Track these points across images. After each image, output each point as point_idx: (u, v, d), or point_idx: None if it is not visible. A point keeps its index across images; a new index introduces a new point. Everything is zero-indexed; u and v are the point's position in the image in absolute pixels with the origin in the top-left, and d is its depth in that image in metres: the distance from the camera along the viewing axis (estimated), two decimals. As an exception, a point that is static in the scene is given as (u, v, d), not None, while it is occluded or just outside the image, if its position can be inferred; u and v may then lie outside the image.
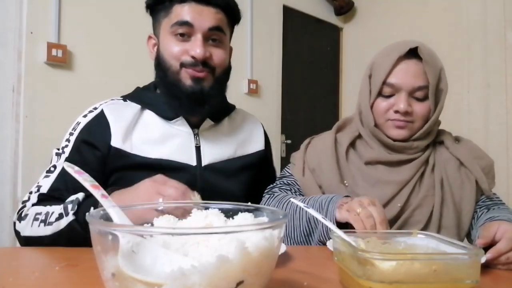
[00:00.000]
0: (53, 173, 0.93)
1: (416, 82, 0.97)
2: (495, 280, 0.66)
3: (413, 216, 0.98)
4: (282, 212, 0.51)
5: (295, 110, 3.26)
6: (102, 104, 1.02)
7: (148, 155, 0.97)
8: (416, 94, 0.98)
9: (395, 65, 0.97)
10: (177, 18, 0.95)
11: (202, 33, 0.95)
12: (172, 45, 0.97)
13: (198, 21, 0.95)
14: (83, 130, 0.97)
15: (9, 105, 1.89)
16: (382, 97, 1.00)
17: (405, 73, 0.97)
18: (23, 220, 0.88)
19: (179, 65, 0.96)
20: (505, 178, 2.57)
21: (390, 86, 0.98)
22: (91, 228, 0.43)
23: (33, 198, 0.91)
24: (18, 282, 0.58)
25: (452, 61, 2.89)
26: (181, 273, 0.38)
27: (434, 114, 1.01)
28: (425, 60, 0.97)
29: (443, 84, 1.01)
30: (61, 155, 0.96)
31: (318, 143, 1.11)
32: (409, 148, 1.02)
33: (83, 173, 0.54)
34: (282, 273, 0.66)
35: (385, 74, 0.98)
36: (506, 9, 2.66)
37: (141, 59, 2.22)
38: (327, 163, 1.05)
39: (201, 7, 0.95)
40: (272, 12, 3.06)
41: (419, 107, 0.98)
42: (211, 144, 1.05)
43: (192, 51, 0.94)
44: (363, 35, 3.50)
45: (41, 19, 1.94)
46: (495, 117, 2.67)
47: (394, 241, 0.64)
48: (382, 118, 1.01)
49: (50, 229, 0.83)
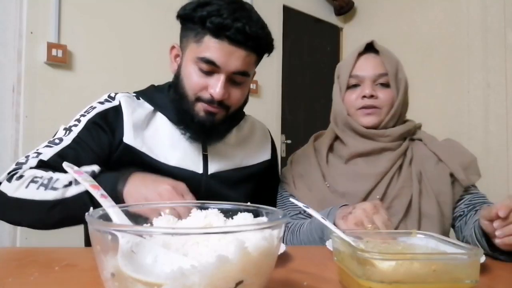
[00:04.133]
0: (58, 145, 0.91)
1: (376, 70, 1.09)
2: (495, 280, 0.66)
3: (392, 207, 1.02)
4: (281, 212, 0.51)
5: (295, 110, 3.26)
6: (119, 95, 1.01)
7: (157, 158, 0.97)
8: (379, 81, 1.09)
9: (357, 60, 1.12)
10: (205, 53, 0.90)
11: (226, 74, 0.91)
12: (194, 76, 0.93)
13: (225, 63, 0.90)
14: (97, 115, 0.96)
15: (9, 105, 1.89)
16: (350, 90, 1.12)
17: (366, 65, 1.11)
18: (17, 180, 0.83)
19: (195, 98, 0.94)
20: (505, 178, 2.57)
21: (355, 77, 1.11)
22: (90, 228, 0.43)
23: (32, 162, 0.87)
24: (18, 282, 0.58)
25: (452, 61, 2.90)
26: (181, 273, 0.38)
27: (397, 100, 1.09)
28: (382, 52, 1.11)
29: (401, 75, 1.12)
30: (70, 132, 0.94)
31: (300, 155, 1.21)
32: (381, 135, 1.09)
33: (82, 173, 0.54)
34: (282, 273, 0.66)
35: (349, 69, 1.11)
36: (506, 9, 2.66)
37: (141, 59, 2.23)
38: (310, 169, 1.13)
39: (233, 49, 0.89)
40: (272, 12, 3.06)
41: (383, 92, 1.09)
42: (218, 154, 1.04)
43: (212, 89, 0.92)
44: (363, 35, 3.50)
45: (41, 19, 1.95)
46: (495, 117, 2.67)
47: (394, 241, 0.65)
48: (352, 108, 1.11)
49: (52, 194, 0.80)
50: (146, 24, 2.22)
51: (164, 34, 1.06)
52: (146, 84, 1.15)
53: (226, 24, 0.87)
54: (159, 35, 2.18)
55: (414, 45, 3.04)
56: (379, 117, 1.09)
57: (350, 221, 0.86)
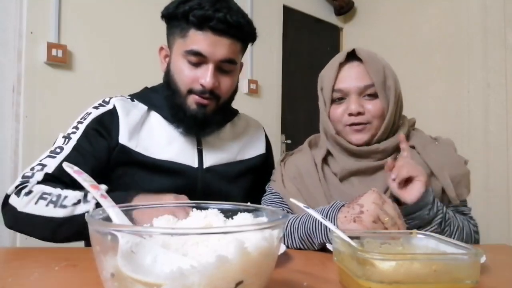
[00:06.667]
0: (60, 154, 0.93)
1: (361, 82, 1.00)
2: (495, 280, 0.66)
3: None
4: (281, 212, 0.51)
5: (295, 110, 3.26)
6: (113, 99, 1.04)
7: (152, 155, 0.99)
8: (365, 93, 1.00)
9: (339, 72, 1.02)
10: (191, 46, 0.95)
11: (214, 63, 0.96)
12: (184, 69, 0.97)
13: (211, 53, 0.94)
14: (94, 120, 0.99)
15: (9, 105, 1.89)
16: (335, 104, 1.03)
17: (349, 77, 1.01)
18: (26, 196, 0.85)
19: (187, 91, 0.98)
20: (505, 178, 2.57)
21: (338, 91, 1.02)
22: (90, 228, 0.43)
23: (38, 176, 0.89)
24: (18, 282, 0.58)
25: (452, 61, 2.90)
26: (180, 273, 0.38)
27: (388, 111, 1.00)
28: (365, 60, 1.00)
29: (390, 82, 1.01)
30: (69, 140, 0.96)
31: (297, 160, 1.11)
32: (375, 151, 1.01)
33: (82, 173, 0.54)
34: (282, 273, 0.66)
35: (331, 82, 1.02)
36: (506, 9, 2.66)
37: (141, 59, 2.23)
38: (310, 179, 1.05)
39: (217, 38, 0.94)
40: (272, 12, 3.06)
41: (371, 105, 1.00)
42: (213, 148, 1.07)
43: (202, 79, 0.96)
44: (363, 35, 3.50)
45: (41, 19, 1.94)
46: (495, 117, 2.67)
47: (394, 241, 0.65)
48: (339, 124, 1.02)
49: (62, 212, 0.82)
50: (146, 24, 2.22)
51: (164, 34, 1.07)
52: (146, 83, 1.15)
53: (208, 16, 0.92)
54: (159, 35, 2.17)
55: (414, 45, 3.04)
56: (369, 132, 1.00)
57: (367, 221, 0.78)
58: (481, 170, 2.58)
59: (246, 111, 1.28)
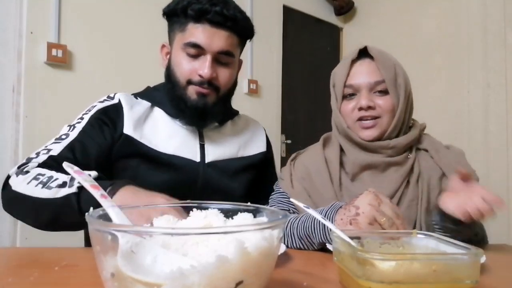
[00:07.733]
0: (64, 140, 0.94)
1: (372, 78, 1.02)
2: (495, 280, 0.66)
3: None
4: (281, 212, 0.51)
5: (295, 110, 3.26)
6: (118, 94, 1.07)
7: (155, 147, 1.01)
8: (376, 89, 1.02)
9: (350, 68, 1.05)
10: (189, 38, 0.98)
11: (212, 55, 0.98)
12: (183, 62, 1.00)
13: (209, 44, 0.98)
14: (99, 111, 1.01)
15: (9, 105, 1.89)
16: (347, 100, 1.05)
17: (360, 73, 1.03)
18: (22, 174, 0.85)
19: (186, 82, 1.01)
20: (505, 178, 2.57)
21: (350, 87, 1.04)
22: (90, 228, 0.42)
23: (41, 158, 0.90)
24: (18, 282, 0.58)
25: (452, 61, 2.90)
26: (180, 273, 0.38)
27: (399, 107, 1.02)
28: (376, 57, 1.03)
29: (400, 79, 1.03)
30: (74, 128, 0.98)
31: (306, 159, 1.11)
32: (385, 147, 1.01)
33: (82, 173, 0.54)
34: (282, 273, 0.66)
35: (343, 78, 1.04)
36: (506, 9, 2.66)
37: (141, 59, 2.23)
38: (319, 178, 1.04)
39: (214, 30, 0.98)
40: (272, 12, 3.06)
41: (382, 100, 1.01)
42: (214, 143, 1.09)
43: (200, 70, 0.98)
44: (363, 35, 3.50)
45: (41, 19, 1.94)
46: (495, 117, 2.67)
47: (394, 241, 0.64)
48: (350, 119, 1.04)
49: (46, 193, 0.80)
50: (146, 24, 2.22)
51: (164, 34, 1.08)
52: (146, 83, 1.16)
53: (206, 9, 0.96)
54: (159, 35, 2.17)
55: (414, 45, 3.04)
56: (380, 128, 1.01)
57: (363, 222, 0.77)
58: (481, 170, 2.56)
59: (246, 111, 1.28)
